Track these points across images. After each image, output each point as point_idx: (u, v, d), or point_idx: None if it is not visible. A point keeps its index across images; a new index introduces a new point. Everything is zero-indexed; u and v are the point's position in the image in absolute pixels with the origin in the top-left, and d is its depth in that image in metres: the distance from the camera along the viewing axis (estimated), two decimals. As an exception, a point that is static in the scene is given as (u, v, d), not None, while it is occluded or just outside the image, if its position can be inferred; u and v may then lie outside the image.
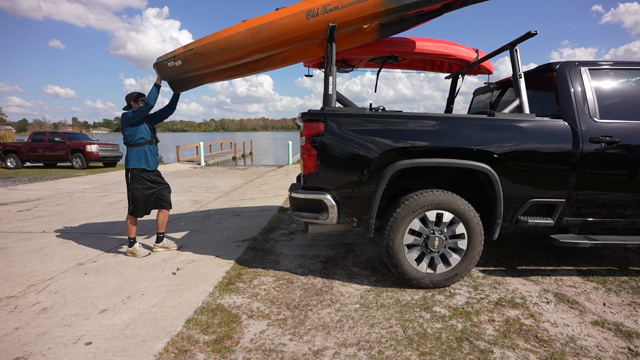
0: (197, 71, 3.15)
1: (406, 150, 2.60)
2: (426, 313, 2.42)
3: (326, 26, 2.73)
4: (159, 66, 3.18)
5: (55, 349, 2.01)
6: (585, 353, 1.98)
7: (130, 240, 3.55)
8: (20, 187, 8.45)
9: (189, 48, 3.02)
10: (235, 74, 3.48)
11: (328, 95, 2.82)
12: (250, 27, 2.85)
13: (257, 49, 2.92)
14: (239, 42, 2.88)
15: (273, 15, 2.86)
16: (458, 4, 2.94)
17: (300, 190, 2.73)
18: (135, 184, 3.40)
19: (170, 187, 3.73)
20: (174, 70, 3.14)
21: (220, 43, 2.92)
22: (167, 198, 3.64)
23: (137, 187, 3.40)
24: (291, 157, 15.63)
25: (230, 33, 2.90)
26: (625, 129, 2.67)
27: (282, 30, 2.81)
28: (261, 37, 2.85)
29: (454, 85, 4.30)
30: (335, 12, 2.70)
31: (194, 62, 3.04)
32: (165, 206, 3.65)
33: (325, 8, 2.71)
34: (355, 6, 2.68)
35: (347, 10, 2.69)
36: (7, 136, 19.25)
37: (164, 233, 3.74)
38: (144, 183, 3.43)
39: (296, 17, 2.77)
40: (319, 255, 3.56)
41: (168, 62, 3.11)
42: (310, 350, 2.01)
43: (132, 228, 3.52)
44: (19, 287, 2.85)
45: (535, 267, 3.24)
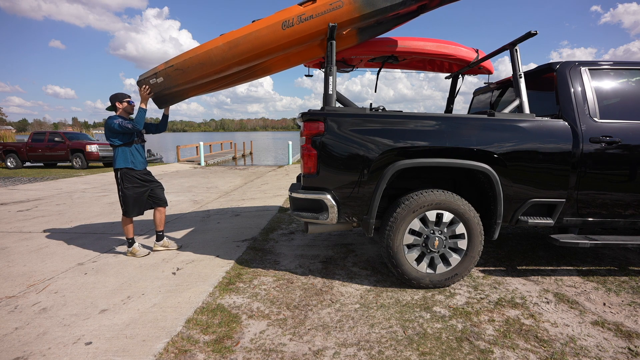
0: (179, 87, 3.18)
1: (406, 150, 2.60)
2: (426, 313, 2.42)
3: (302, 36, 2.79)
4: (141, 83, 3.20)
5: (55, 349, 2.01)
6: (585, 353, 1.98)
7: (129, 241, 3.55)
8: (20, 187, 8.45)
9: (170, 64, 3.05)
10: (218, 87, 3.53)
11: (328, 95, 2.82)
12: (227, 41, 2.89)
13: (236, 62, 2.96)
14: (217, 56, 2.92)
15: (250, 27, 2.89)
16: (434, 5, 2.95)
17: (300, 190, 2.73)
18: (126, 182, 3.39)
19: (162, 185, 3.71)
20: (157, 87, 3.18)
21: (200, 58, 2.96)
22: (161, 195, 3.64)
23: (127, 186, 3.39)
24: (291, 157, 15.63)
25: (209, 47, 2.93)
26: (625, 129, 2.67)
27: (259, 42, 2.85)
28: (239, 49, 2.89)
29: (454, 85, 4.30)
30: (311, 21, 2.75)
31: (176, 78, 3.08)
32: (160, 204, 3.65)
33: (300, 18, 2.75)
34: (330, 14, 2.71)
35: (322, 18, 2.73)
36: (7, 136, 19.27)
37: (162, 231, 3.73)
38: (134, 182, 3.41)
39: (272, 28, 2.81)
40: (319, 255, 3.56)
41: (150, 79, 3.14)
42: (310, 350, 2.01)
43: (128, 228, 3.51)
44: (19, 287, 2.85)
45: (535, 267, 3.24)
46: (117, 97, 3.42)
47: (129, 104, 3.41)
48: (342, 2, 2.69)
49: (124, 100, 3.40)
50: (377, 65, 4.07)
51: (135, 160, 3.42)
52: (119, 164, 3.37)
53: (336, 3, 2.69)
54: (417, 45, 3.54)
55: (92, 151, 12.77)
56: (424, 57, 3.76)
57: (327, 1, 2.72)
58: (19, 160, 13.13)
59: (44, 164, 14.18)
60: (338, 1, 2.69)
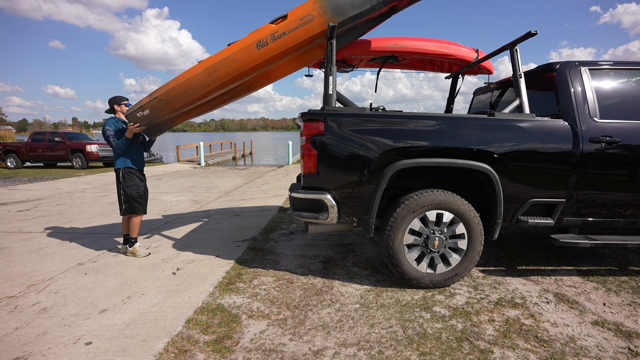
0: (166, 116, 3.23)
1: (406, 150, 2.60)
2: (426, 313, 2.42)
3: (278, 53, 2.84)
4: (129, 117, 3.24)
5: (55, 349, 2.01)
6: (585, 353, 1.98)
7: (131, 240, 3.56)
8: (20, 187, 8.45)
9: (154, 96, 3.11)
10: (204, 111, 3.60)
11: (328, 95, 2.82)
12: (206, 67, 2.94)
13: (218, 86, 3.01)
14: (198, 83, 2.97)
15: (226, 51, 2.94)
16: (403, 5, 2.97)
17: (300, 190, 2.73)
18: (127, 181, 3.41)
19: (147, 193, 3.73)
20: (144, 120, 3.22)
21: (182, 87, 3.01)
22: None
23: (129, 185, 3.41)
24: (291, 157, 15.63)
25: (189, 75, 2.99)
26: (625, 129, 2.67)
27: (237, 64, 2.89)
28: (219, 74, 2.93)
29: (454, 85, 4.30)
30: (284, 37, 2.79)
31: (161, 108, 3.13)
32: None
33: (274, 36, 2.80)
34: (302, 29, 2.76)
35: (295, 34, 2.77)
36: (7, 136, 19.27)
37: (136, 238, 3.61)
38: (135, 180, 3.44)
39: (247, 49, 2.85)
40: (319, 255, 3.56)
41: (137, 112, 3.19)
42: (310, 350, 2.01)
43: (135, 227, 3.52)
44: (19, 287, 2.85)
45: (535, 267, 3.24)
46: (115, 100, 3.46)
47: (126, 107, 3.44)
48: (312, 15, 2.74)
49: (122, 103, 3.45)
50: (377, 65, 4.08)
51: (134, 160, 3.45)
52: (119, 164, 3.40)
53: (307, 17, 2.74)
54: (417, 45, 3.55)
55: (92, 151, 12.77)
56: (424, 57, 3.76)
57: (297, 17, 2.77)
58: (19, 160, 13.13)
59: (44, 164, 14.18)
60: (308, 15, 2.74)
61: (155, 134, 3.50)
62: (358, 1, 2.70)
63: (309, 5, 2.76)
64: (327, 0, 2.71)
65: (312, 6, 2.75)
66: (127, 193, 3.40)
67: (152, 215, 5.36)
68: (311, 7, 2.74)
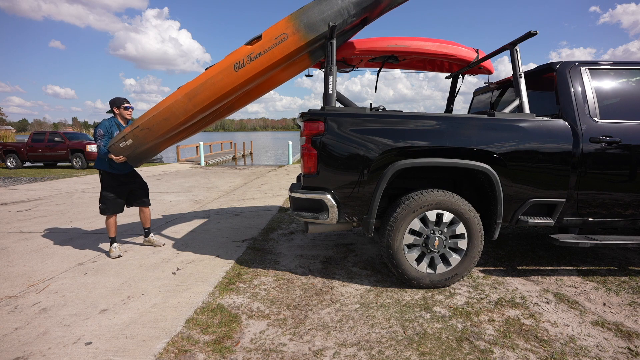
0: (149, 144, 3.25)
1: (406, 150, 2.60)
2: (426, 313, 2.42)
3: (255, 73, 2.88)
4: (112, 149, 3.25)
5: (55, 349, 2.01)
6: (585, 353, 1.98)
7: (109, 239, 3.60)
8: (20, 187, 8.45)
9: (135, 125, 3.13)
10: (188, 134, 3.65)
11: (328, 95, 2.82)
12: (185, 93, 2.97)
13: (198, 110, 3.04)
14: (179, 109, 3.01)
15: (204, 75, 2.98)
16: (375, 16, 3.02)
17: (300, 190, 2.73)
18: (104, 183, 3.46)
19: (146, 186, 3.76)
20: (128, 149, 3.23)
21: (163, 114, 3.04)
22: (142, 197, 3.71)
23: (104, 186, 3.47)
24: (291, 157, 15.63)
25: (170, 102, 3.02)
26: (625, 128, 2.67)
27: (216, 87, 2.93)
28: (198, 99, 2.97)
29: (454, 85, 4.30)
30: (260, 57, 2.84)
31: (144, 137, 3.15)
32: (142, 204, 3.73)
33: (250, 57, 2.84)
34: (277, 47, 2.81)
35: (271, 53, 2.82)
36: (7, 136, 19.26)
37: (149, 228, 3.88)
38: (111, 183, 3.46)
39: (225, 72, 2.90)
40: (319, 255, 3.56)
41: (119, 143, 3.20)
42: (310, 350, 2.01)
43: (109, 227, 3.57)
44: (19, 287, 2.85)
45: (535, 267, 3.24)
46: (114, 102, 3.46)
47: (125, 110, 3.45)
48: (286, 34, 2.80)
49: (121, 106, 3.45)
50: (377, 65, 4.08)
51: (116, 165, 3.42)
52: (99, 165, 3.43)
53: (281, 36, 2.80)
54: (417, 45, 3.55)
55: (92, 151, 12.76)
56: (424, 57, 3.76)
57: (272, 36, 2.82)
58: (19, 160, 13.12)
59: (44, 164, 14.18)
60: (282, 34, 2.80)
61: (140, 162, 3.51)
62: (329, 16, 2.77)
63: (283, 24, 2.83)
64: (299, 19, 2.77)
65: (285, 25, 2.81)
66: (101, 194, 3.48)
67: (152, 215, 5.35)
68: (285, 26, 2.81)
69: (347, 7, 2.76)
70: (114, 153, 3.25)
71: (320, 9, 2.76)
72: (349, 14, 2.79)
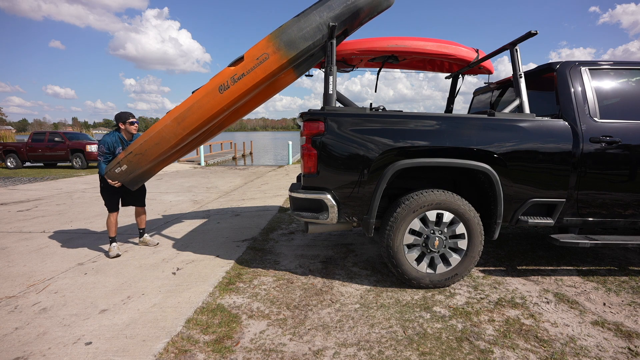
0: (144, 167, 3.33)
1: (406, 150, 2.59)
2: (426, 313, 2.42)
3: (240, 93, 2.93)
4: (108, 175, 3.35)
5: (55, 349, 2.01)
6: (585, 353, 1.98)
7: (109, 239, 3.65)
8: (20, 187, 8.45)
9: (129, 151, 3.23)
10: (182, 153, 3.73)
11: (328, 95, 2.82)
12: (174, 117, 3.05)
13: (188, 133, 3.11)
14: (169, 133, 3.09)
15: (191, 99, 3.04)
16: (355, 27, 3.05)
17: (300, 190, 2.73)
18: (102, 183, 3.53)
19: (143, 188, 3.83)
20: (123, 174, 3.33)
21: (154, 139, 3.13)
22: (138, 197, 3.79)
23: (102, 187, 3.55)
24: (291, 157, 15.62)
25: (160, 127, 3.10)
26: (625, 128, 2.67)
27: (203, 110, 3.00)
28: (187, 122, 3.04)
29: (454, 85, 4.30)
30: (244, 78, 2.89)
31: (138, 162, 3.25)
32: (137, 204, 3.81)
33: (234, 78, 2.90)
34: (260, 67, 2.86)
35: (254, 73, 2.88)
36: (7, 136, 19.24)
37: (143, 229, 3.95)
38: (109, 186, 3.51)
39: (210, 95, 2.96)
40: (319, 255, 3.56)
41: (115, 169, 3.30)
42: (310, 350, 2.01)
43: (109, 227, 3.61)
44: (19, 287, 2.85)
45: (535, 267, 3.24)
46: (120, 117, 3.51)
47: (131, 125, 3.50)
48: (267, 54, 2.85)
49: (127, 122, 3.49)
50: (377, 65, 4.08)
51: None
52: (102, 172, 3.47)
53: (262, 56, 2.85)
54: (417, 45, 3.55)
55: (92, 151, 12.76)
56: (424, 57, 3.76)
57: (253, 57, 2.87)
58: (19, 160, 13.12)
59: (44, 164, 14.17)
60: (263, 54, 2.85)
61: (136, 185, 3.60)
62: (309, 33, 2.81)
63: (263, 44, 2.87)
64: (279, 37, 2.82)
65: (265, 45, 2.86)
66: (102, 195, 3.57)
67: (152, 215, 5.36)
68: (265, 46, 2.85)
69: (325, 22, 2.81)
70: (110, 178, 3.37)
71: (299, 27, 2.81)
72: (327, 28, 2.84)
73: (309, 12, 2.81)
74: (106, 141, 3.40)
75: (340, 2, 2.79)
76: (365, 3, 2.84)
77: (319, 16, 2.79)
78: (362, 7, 2.84)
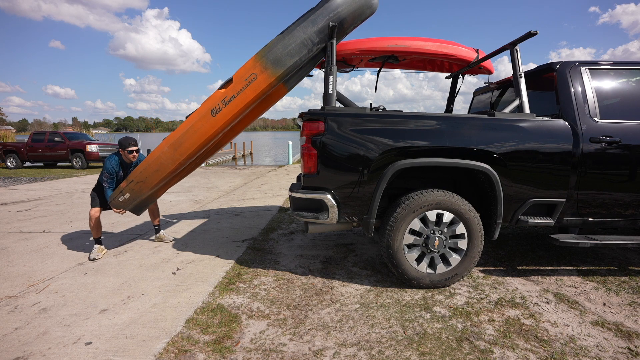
0: (146, 193, 3.39)
1: (406, 150, 2.59)
2: (426, 313, 2.42)
3: (233, 114, 2.97)
4: (113, 204, 3.42)
5: (55, 349, 2.01)
6: (585, 353, 1.98)
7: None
8: (20, 187, 8.45)
9: (130, 180, 3.30)
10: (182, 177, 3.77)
11: (328, 94, 2.82)
12: (170, 144, 3.12)
13: (186, 158, 3.17)
14: (167, 159, 3.16)
15: (185, 124, 3.10)
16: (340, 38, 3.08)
17: (300, 190, 2.73)
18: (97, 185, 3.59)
19: None
20: (128, 202, 3.40)
21: (153, 166, 3.20)
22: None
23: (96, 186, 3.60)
24: (291, 157, 15.63)
25: (157, 154, 3.17)
26: (625, 128, 2.67)
27: (197, 135, 3.06)
28: (183, 148, 3.11)
29: (454, 85, 4.30)
30: (234, 100, 2.94)
31: (140, 189, 3.32)
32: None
33: (224, 101, 2.95)
34: (249, 88, 2.91)
35: (244, 94, 2.93)
36: (7, 136, 19.23)
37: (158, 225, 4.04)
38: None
39: (204, 119, 3.02)
40: (319, 255, 3.56)
41: (118, 197, 3.38)
42: (310, 350, 2.01)
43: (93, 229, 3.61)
44: (19, 287, 2.85)
45: (535, 267, 3.24)
46: (121, 144, 3.50)
47: (129, 154, 3.50)
48: (255, 74, 2.90)
49: (126, 150, 3.48)
50: (377, 65, 4.08)
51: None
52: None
53: (250, 77, 2.90)
54: (417, 45, 3.54)
55: (92, 151, 12.76)
56: (424, 57, 3.76)
57: (242, 78, 2.92)
58: (19, 160, 13.11)
59: (44, 164, 14.17)
60: (251, 75, 2.90)
61: (141, 210, 3.67)
62: (294, 49, 2.86)
63: (250, 65, 2.91)
64: (265, 57, 2.86)
65: (252, 65, 2.90)
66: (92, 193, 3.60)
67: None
68: (252, 66, 2.90)
69: (309, 37, 2.85)
70: (115, 207, 3.43)
71: (284, 44, 2.85)
72: (312, 43, 2.88)
73: (293, 29, 2.86)
74: (107, 168, 3.42)
75: (323, 15, 2.83)
76: (348, 13, 2.88)
77: (303, 32, 2.84)
78: (345, 17, 2.87)
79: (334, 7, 2.84)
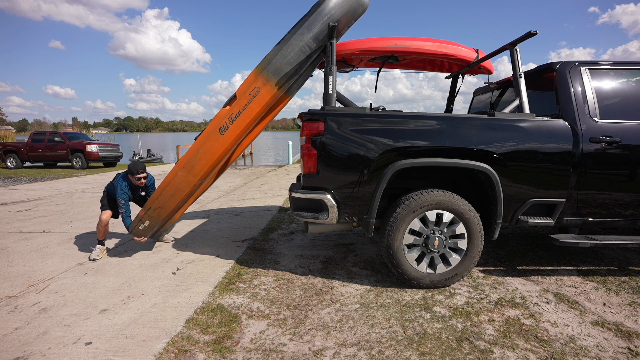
0: (166, 218, 3.38)
1: (406, 150, 2.59)
2: (426, 313, 2.42)
3: (240, 130, 3.01)
4: (134, 233, 3.41)
5: (55, 349, 2.01)
6: (585, 353, 1.98)
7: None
8: (20, 187, 8.45)
9: (147, 207, 3.31)
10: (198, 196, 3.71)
11: (328, 95, 2.82)
12: (183, 166, 3.15)
13: (200, 178, 3.19)
14: (182, 183, 3.19)
15: (195, 146, 3.13)
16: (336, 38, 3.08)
17: (300, 190, 2.73)
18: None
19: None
20: (148, 229, 3.40)
21: (169, 191, 3.21)
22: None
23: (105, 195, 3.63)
24: (291, 157, 15.62)
25: (171, 179, 3.18)
26: (625, 128, 2.67)
27: (209, 155, 3.10)
28: (197, 169, 3.14)
29: (454, 85, 4.30)
30: (241, 115, 2.97)
31: (158, 215, 3.32)
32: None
33: (231, 118, 2.98)
34: (254, 101, 2.94)
35: (249, 108, 2.96)
36: (7, 136, 19.24)
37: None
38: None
39: (212, 138, 3.05)
40: (319, 255, 3.56)
41: (138, 226, 3.37)
42: (310, 350, 2.01)
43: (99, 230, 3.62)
44: (19, 287, 2.85)
45: (535, 267, 3.24)
46: (130, 171, 3.48)
47: (137, 180, 3.49)
48: (258, 87, 2.93)
49: (134, 176, 3.47)
50: (377, 65, 4.07)
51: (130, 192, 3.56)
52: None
53: (253, 91, 2.94)
54: (417, 45, 3.54)
55: (92, 151, 12.76)
56: (424, 57, 3.76)
57: (246, 93, 2.95)
58: (19, 160, 13.11)
59: (44, 164, 14.17)
60: (254, 89, 2.94)
61: (162, 235, 3.70)
62: (293, 57, 2.89)
63: (252, 78, 2.94)
64: (266, 69, 2.90)
65: (254, 79, 2.93)
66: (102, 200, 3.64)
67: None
68: (254, 80, 2.93)
69: (307, 44, 2.89)
70: (135, 236, 3.41)
71: (283, 54, 2.88)
72: (310, 49, 2.91)
73: (289, 38, 2.89)
74: (119, 195, 3.41)
75: (317, 20, 2.86)
76: (342, 14, 2.90)
77: (299, 39, 2.87)
78: (339, 18, 2.90)
79: (327, 10, 2.87)
